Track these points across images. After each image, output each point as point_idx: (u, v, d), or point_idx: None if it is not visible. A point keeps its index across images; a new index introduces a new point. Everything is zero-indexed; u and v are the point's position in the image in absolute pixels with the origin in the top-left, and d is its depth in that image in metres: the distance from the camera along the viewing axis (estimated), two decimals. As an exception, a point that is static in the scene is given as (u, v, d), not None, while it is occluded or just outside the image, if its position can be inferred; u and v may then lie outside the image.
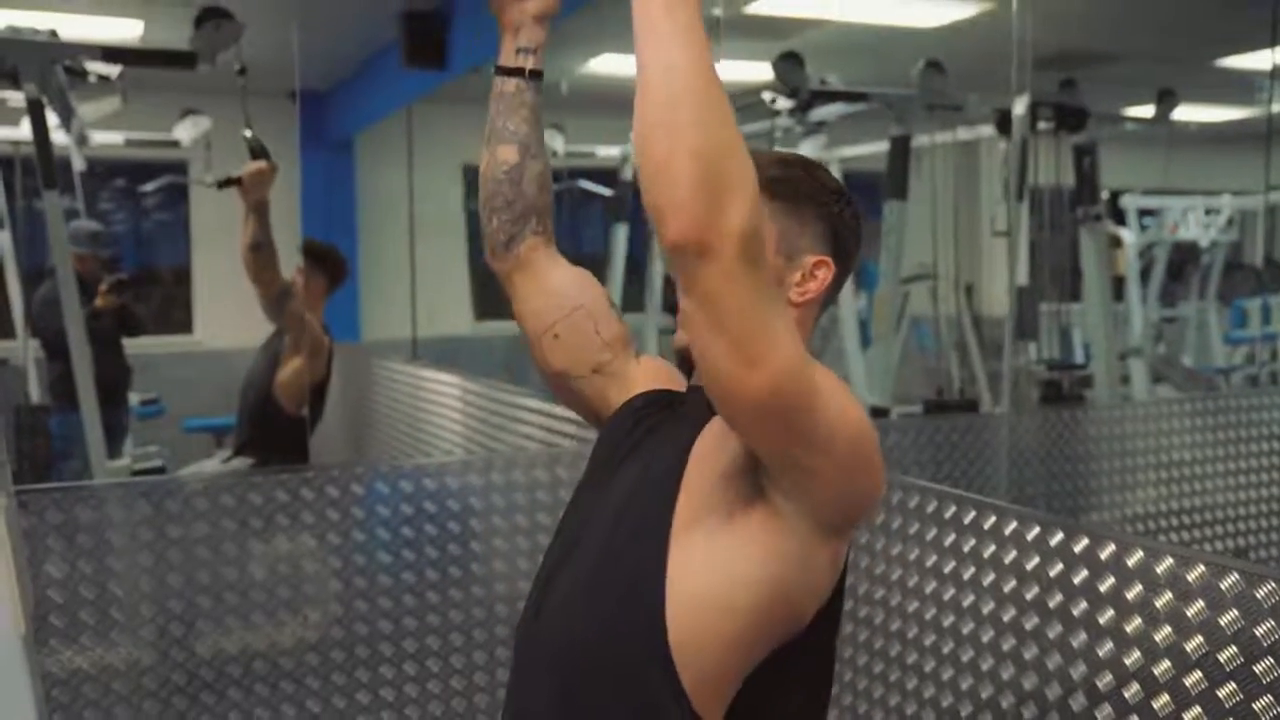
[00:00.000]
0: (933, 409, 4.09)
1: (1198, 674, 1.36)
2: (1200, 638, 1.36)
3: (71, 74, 3.53)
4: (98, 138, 4.59)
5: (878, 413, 3.92)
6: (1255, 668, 1.29)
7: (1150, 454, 3.28)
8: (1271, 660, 1.28)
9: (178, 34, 3.36)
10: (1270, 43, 3.62)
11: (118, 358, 4.38)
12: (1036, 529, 1.66)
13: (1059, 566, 1.60)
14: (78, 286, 3.38)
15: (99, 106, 4.17)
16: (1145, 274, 5.45)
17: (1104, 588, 1.52)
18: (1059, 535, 1.61)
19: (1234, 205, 5.51)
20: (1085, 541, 1.56)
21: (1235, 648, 1.32)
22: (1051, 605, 1.61)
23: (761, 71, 4.15)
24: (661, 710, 1.06)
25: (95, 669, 2.13)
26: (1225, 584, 1.34)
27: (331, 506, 2.32)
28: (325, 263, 3.88)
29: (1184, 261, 5.60)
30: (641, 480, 1.18)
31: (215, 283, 6.16)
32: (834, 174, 1.27)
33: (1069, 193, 4.34)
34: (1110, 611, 1.50)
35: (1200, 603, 1.37)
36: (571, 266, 1.35)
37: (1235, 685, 1.31)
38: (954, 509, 1.84)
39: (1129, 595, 1.47)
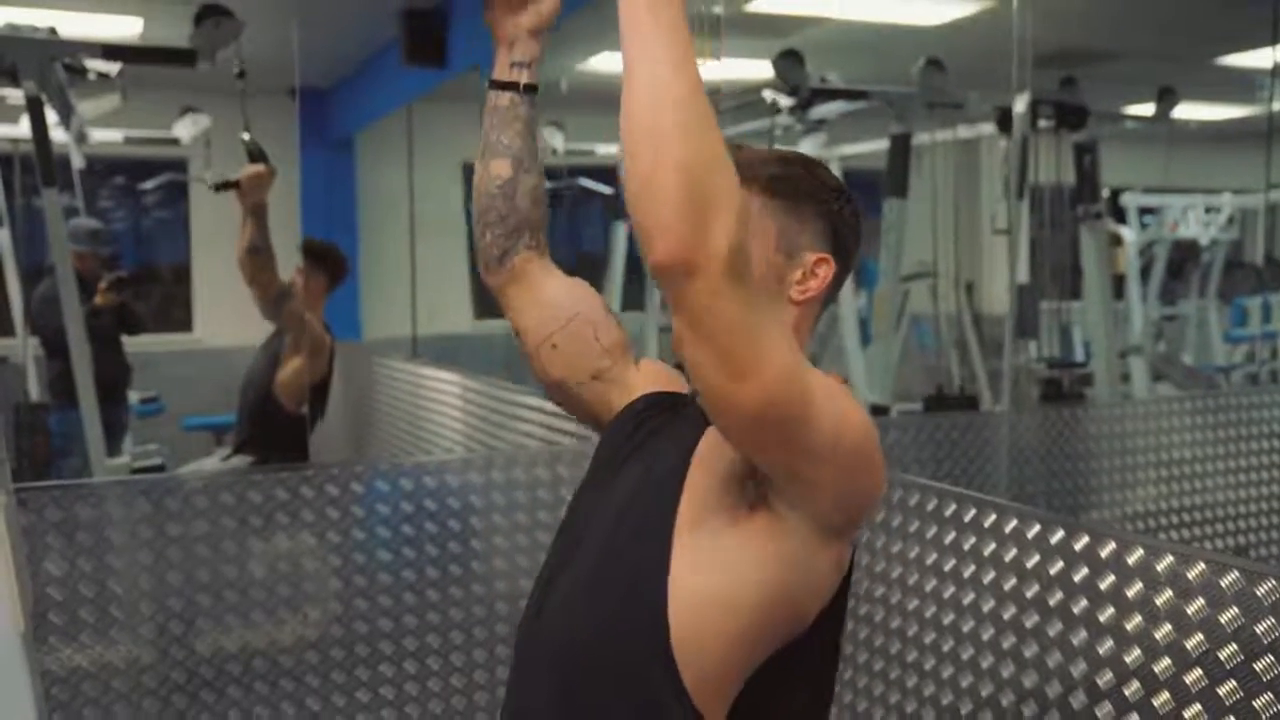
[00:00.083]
0: (933, 404, 4.09)
1: (1198, 671, 1.36)
2: (1200, 635, 1.36)
3: (71, 71, 3.53)
4: (97, 135, 4.57)
5: (877, 411, 3.92)
6: (1255, 665, 1.29)
7: (1150, 452, 3.28)
8: (1272, 658, 1.28)
9: (177, 31, 3.36)
10: (1271, 41, 3.62)
11: (117, 356, 4.38)
12: (1037, 527, 1.66)
13: (1059, 564, 1.60)
14: (77, 284, 3.38)
15: (98, 104, 4.16)
16: (1145, 272, 5.45)
17: (1104, 585, 1.52)
18: (1059, 533, 1.61)
19: (1234, 203, 5.50)
20: (1085, 539, 1.56)
21: (1235, 645, 1.32)
22: (1052, 603, 1.61)
23: (762, 69, 4.14)
24: (663, 709, 1.06)
25: (95, 667, 2.13)
26: (1225, 581, 1.34)
27: (331, 504, 2.32)
28: (325, 261, 3.88)
29: (1184, 260, 5.59)
30: (644, 481, 1.18)
31: (215, 281, 6.15)
32: (834, 172, 1.27)
33: (1069, 191, 4.33)
34: (1110, 609, 1.50)
35: (1200, 600, 1.37)
36: (566, 277, 1.35)
37: (1235, 683, 1.31)
38: (954, 507, 1.84)
39: (1129, 593, 1.47)
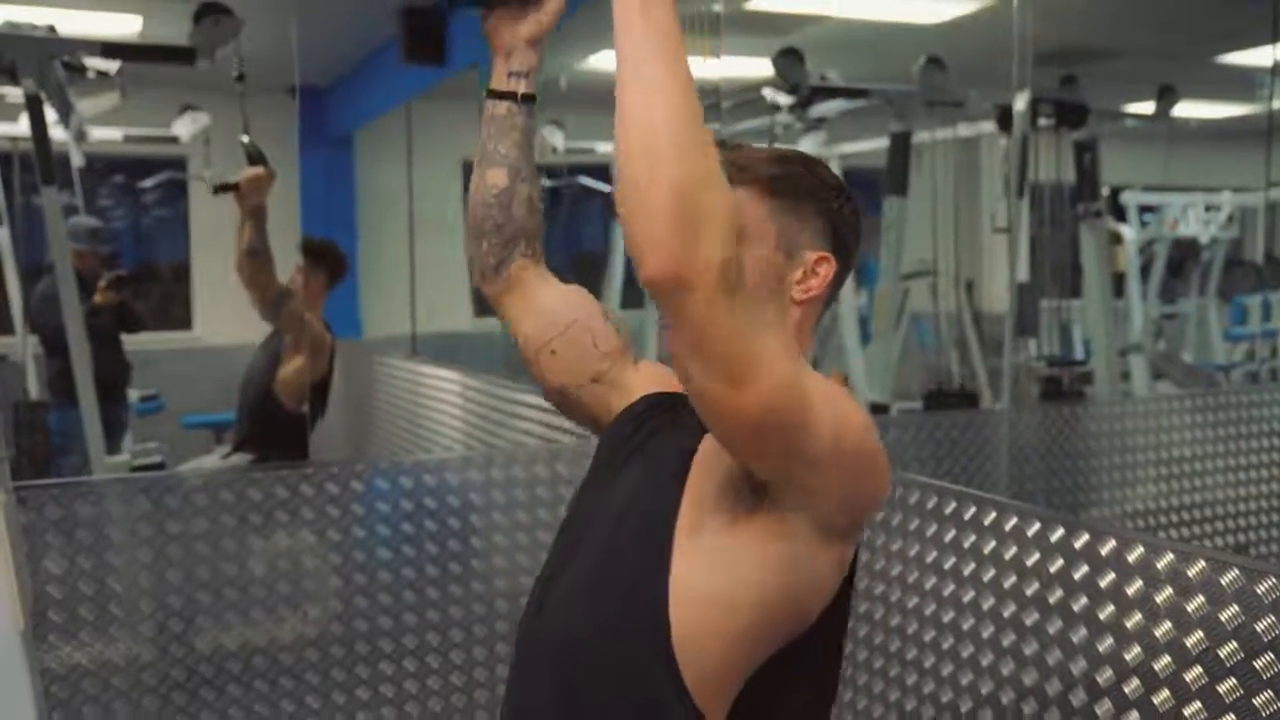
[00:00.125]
0: (933, 401, 4.09)
1: (1198, 669, 1.36)
2: (1200, 633, 1.36)
3: (70, 69, 3.52)
4: (96, 133, 4.57)
5: (877, 409, 3.92)
6: (1255, 663, 1.29)
7: (1150, 450, 3.28)
8: (1272, 656, 1.28)
9: (176, 29, 3.36)
10: (1271, 39, 3.62)
11: (117, 354, 4.37)
12: (1037, 525, 1.66)
13: (1059, 562, 1.60)
14: (77, 283, 3.38)
15: (98, 102, 4.15)
16: (1145, 270, 5.45)
17: (1104, 583, 1.52)
18: (1059, 531, 1.61)
19: (1234, 202, 5.50)
20: (1085, 537, 1.56)
21: (1235, 643, 1.32)
22: (1052, 601, 1.61)
23: (762, 67, 4.14)
24: (663, 707, 1.06)
25: (94, 665, 2.13)
26: (1225, 579, 1.34)
27: (331, 503, 2.32)
28: (324, 259, 3.87)
29: (1184, 258, 5.60)
30: (644, 481, 1.18)
31: (214, 279, 6.14)
32: (834, 170, 1.27)
33: (1069, 189, 4.33)
34: (1110, 607, 1.50)
35: (1200, 598, 1.37)
36: (562, 284, 1.35)
37: (1235, 680, 1.31)
38: (954, 505, 1.84)
39: (1129, 591, 1.47)
